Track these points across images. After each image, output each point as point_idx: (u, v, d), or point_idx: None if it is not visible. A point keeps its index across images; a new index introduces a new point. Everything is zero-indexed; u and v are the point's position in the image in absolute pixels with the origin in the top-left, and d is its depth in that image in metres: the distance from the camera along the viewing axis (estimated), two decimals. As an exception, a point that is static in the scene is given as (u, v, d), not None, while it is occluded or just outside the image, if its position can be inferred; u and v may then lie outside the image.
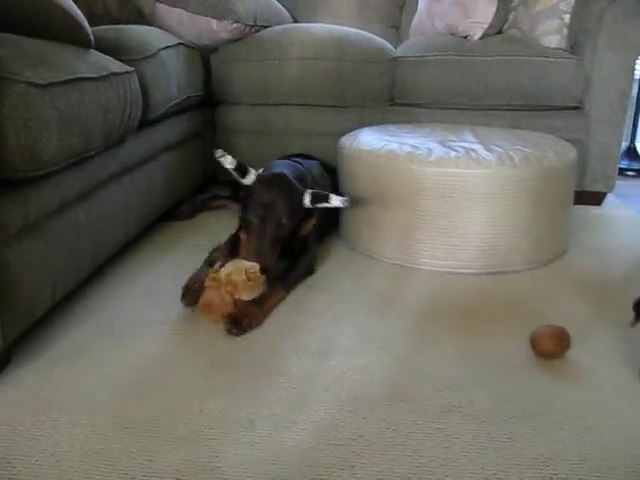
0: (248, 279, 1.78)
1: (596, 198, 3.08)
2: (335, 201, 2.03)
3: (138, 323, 1.78)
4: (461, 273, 2.17)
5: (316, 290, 2.03)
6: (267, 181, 2.06)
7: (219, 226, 2.63)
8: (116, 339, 1.69)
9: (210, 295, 1.77)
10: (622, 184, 3.62)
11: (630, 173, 4.07)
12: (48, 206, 1.57)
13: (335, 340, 1.70)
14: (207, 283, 1.79)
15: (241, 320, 1.73)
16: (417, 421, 1.36)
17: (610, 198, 3.17)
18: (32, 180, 1.50)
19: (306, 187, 2.10)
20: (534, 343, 1.62)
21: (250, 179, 2.07)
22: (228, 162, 2.05)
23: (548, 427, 1.34)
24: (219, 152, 2.05)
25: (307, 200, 2.04)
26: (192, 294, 1.85)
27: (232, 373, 1.53)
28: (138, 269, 2.17)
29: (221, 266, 1.82)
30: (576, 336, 1.65)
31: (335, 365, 1.58)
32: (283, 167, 2.20)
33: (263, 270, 1.84)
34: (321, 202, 2.04)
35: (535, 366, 1.59)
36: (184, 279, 1.91)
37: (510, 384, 1.50)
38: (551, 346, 1.60)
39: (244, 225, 2.03)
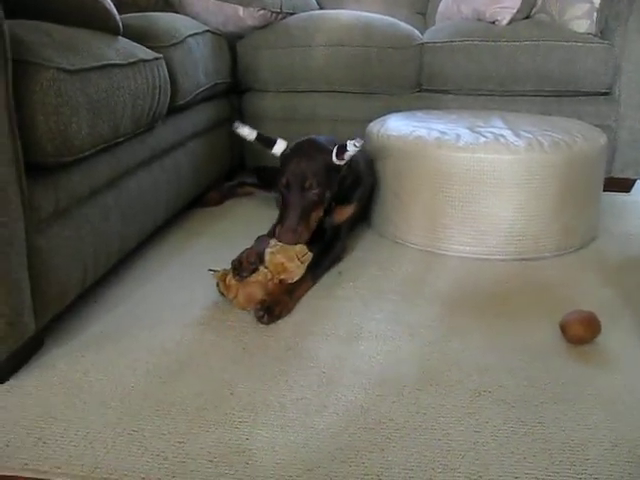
0: (301, 262, 1.82)
1: (625, 185, 3.05)
2: (350, 146, 1.96)
3: (167, 308, 1.79)
4: (490, 259, 2.16)
5: (345, 276, 2.03)
6: (294, 147, 2.05)
7: (246, 213, 2.64)
8: (145, 324, 1.70)
9: (251, 289, 1.76)
10: (652, 171, 3.58)
11: (660, 160, 4.01)
12: (78, 192, 1.59)
13: (364, 325, 1.70)
14: (253, 278, 1.78)
15: (274, 309, 1.72)
16: (447, 405, 1.36)
17: (639, 185, 3.14)
18: (63, 166, 1.51)
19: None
20: (564, 328, 1.61)
21: (279, 148, 2.06)
22: (246, 133, 2.05)
23: (578, 412, 1.34)
24: (236, 124, 2.06)
25: (334, 155, 1.99)
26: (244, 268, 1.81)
27: (262, 357, 1.54)
28: (167, 255, 2.18)
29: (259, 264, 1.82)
30: (606, 322, 1.63)
31: (364, 350, 1.58)
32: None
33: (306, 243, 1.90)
34: (343, 153, 1.98)
35: (565, 351, 1.58)
36: (211, 265, 1.91)
37: (540, 369, 1.49)
38: (581, 331, 1.59)
39: (279, 199, 2.03)
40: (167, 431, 1.27)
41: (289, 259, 1.80)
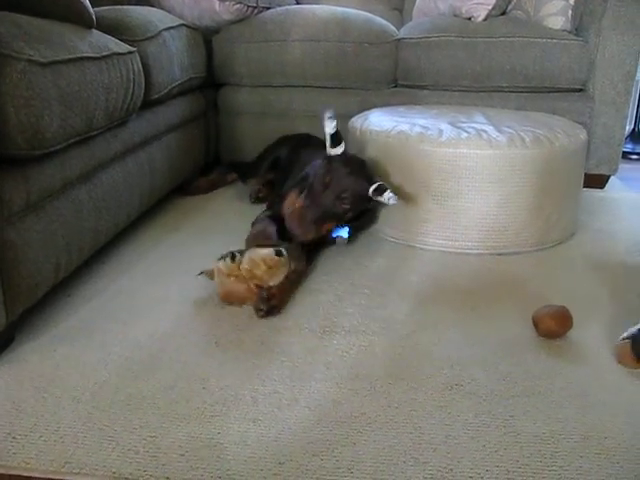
0: (269, 267, 1.76)
1: (600, 181, 3.07)
2: (386, 196, 1.97)
3: (141, 302, 1.79)
4: (470, 254, 2.18)
5: (320, 269, 2.03)
6: (349, 159, 2.07)
7: (220, 208, 2.64)
8: (119, 318, 1.70)
9: (231, 286, 1.74)
10: (625, 167, 3.61)
11: (634, 157, 4.05)
12: (50, 185, 1.57)
13: (337, 319, 1.71)
14: (225, 277, 1.75)
15: (273, 309, 1.72)
16: (418, 399, 1.36)
17: (613, 181, 3.17)
18: (34, 159, 1.50)
19: None
20: (536, 322, 1.63)
21: (337, 151, 2.05)
22: (330, 126, 2.03)
23: (549, 405, 1.35)
24: (329, 112, 2.03)
25: (372, 189, 2.00)
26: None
27: (234, 351, 1.54)
28: (141, 250, 2.17)
29: (233, 257, 1.78)
30: (578, 316, 1.65)
31: (337, 344, 1.58)
32: None
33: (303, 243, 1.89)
34: (378, 195, 1.99)
35: (537, 345, 1.59)
36: (186, 260, 1.91)
37: (512, 363, 1.50)
38: (553, 325, 1.60)
39: (305, 189, 2.03)
40: (138, 425, 1.26)
41: (255, 266, 1.74)
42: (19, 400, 1.34)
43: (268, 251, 1.77)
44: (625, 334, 1.54)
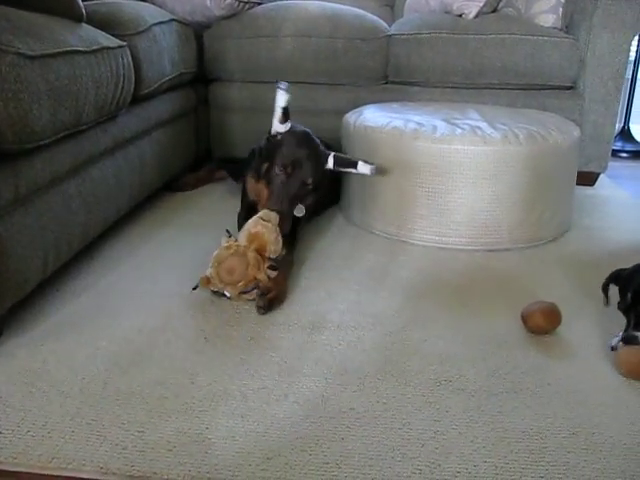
0: (268, 221, 1.81)
1: (589, 178, 3.08)
2: (363, 168, 2.08)
3: (130, 298, 1.78)
4: (462, 250, 2.18)
5: (310, 265, 2.03)
6: (298, 136, 2.10)
7: (211, 204, 2.64)
8: (108, 313, 1.69)
9: (230, 261, 1.74)
10: (615, 165, 3.63)
11: (624, 155, 4.06)
12: (39, 180, 1.57)
13: (327, 315, 1.71)
14: (223, 252, 1.76)
15: (273, 303, 1.73)
16: (407, 395, 1.37)
17: (603, 179, 3.18)
18: (23, 153, 1.49)
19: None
20: (525, 318, 1.63)
21: (284, 128, 2.10)
22: (282, 99, 2.08)
23: (538, 402, 1.35)
24: (284, 84, 2.07)
25: (330, 163, 2.09)
26: None
27: (223, 346, 1.54)
28: (131, 245, 2.16)
29: (229, 233, 1.84)
30: (568, 313, 1.65)
31: (326, 339, 1.58)
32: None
33: (281, 224, 1.87)
34: (346, 167, 2.10)
35: (526, 341, 1.59)
36: (175, 256, 1.90)
37: (501, 359, 1.51)
38: (542, 322, 1.61)
39: (267, 176, 2.05)
40: (126, 420, 1.26)
41: (254, 224, 1.80)
42: (7, 395, 1.33)
43: (264, 211, 1.87)
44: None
